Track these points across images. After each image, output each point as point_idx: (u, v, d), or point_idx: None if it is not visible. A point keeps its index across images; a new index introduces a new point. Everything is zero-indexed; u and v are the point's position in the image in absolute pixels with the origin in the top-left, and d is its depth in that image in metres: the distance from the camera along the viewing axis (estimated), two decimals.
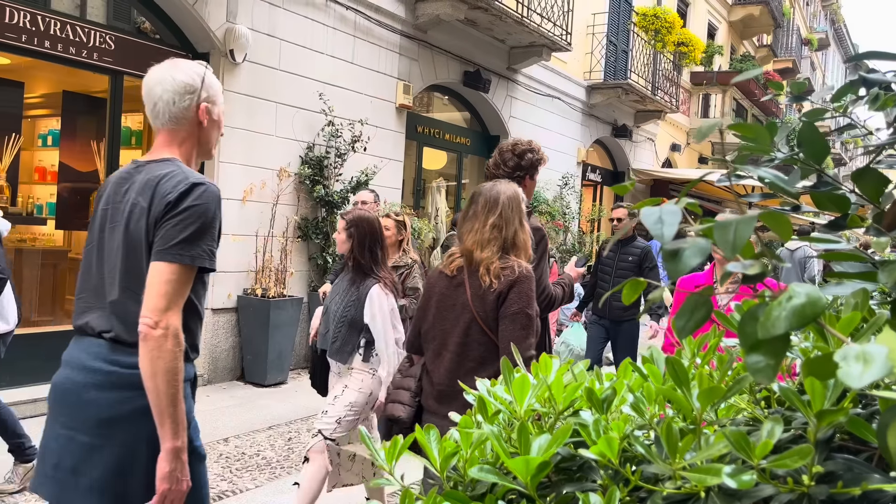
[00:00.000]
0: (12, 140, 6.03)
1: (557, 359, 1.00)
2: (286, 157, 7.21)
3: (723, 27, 20.01)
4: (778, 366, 0.60)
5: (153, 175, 1.86)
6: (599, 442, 0.70)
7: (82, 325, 1.91)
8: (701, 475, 0.61)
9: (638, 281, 0.71)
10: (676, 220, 0.63)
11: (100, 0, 6.35)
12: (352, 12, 7.91)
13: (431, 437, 0.91)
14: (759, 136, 0.72)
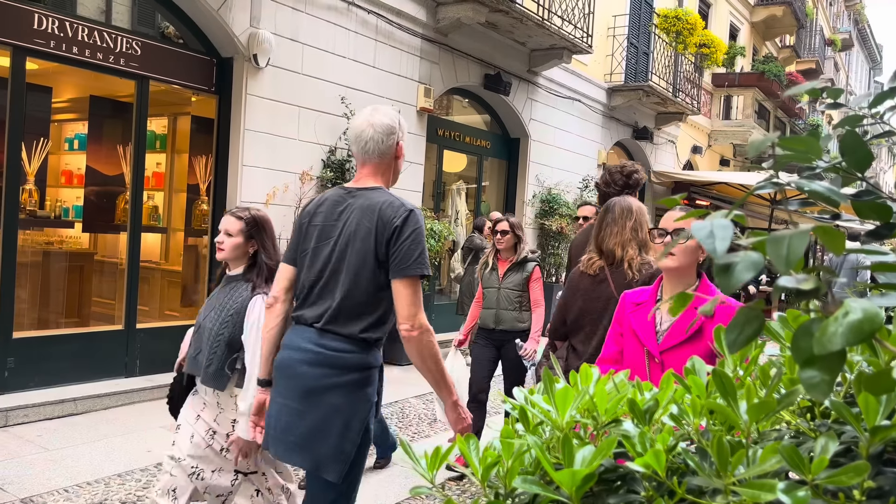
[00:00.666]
0: (40, 144, 6.13)
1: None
2: (308, 161, 7.26)
3: (745, 28, 19.83)
4: (833, 382, 0.59)
5: (372, 201, 2.40)
6: (647, 455, 0.70)
7: (297, 316, 2.45)
8: (754, 491, 0.60)
9: (685, 294, 0.71)
10: (729, 234, 0.63)
11: (125, 6, 6.43)
12: (373, 16, 7.95)
13: (472, 446, 0.91)
14: (810, 148, 0.72)
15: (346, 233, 2.38)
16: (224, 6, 6.39)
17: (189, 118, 7.38)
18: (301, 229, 2.51)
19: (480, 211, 10.27)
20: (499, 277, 4.86)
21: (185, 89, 6.75)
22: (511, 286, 4.81)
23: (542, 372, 0.97)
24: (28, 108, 5.68)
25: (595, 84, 12.50)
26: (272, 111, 6.92)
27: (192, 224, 7.31)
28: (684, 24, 12.74)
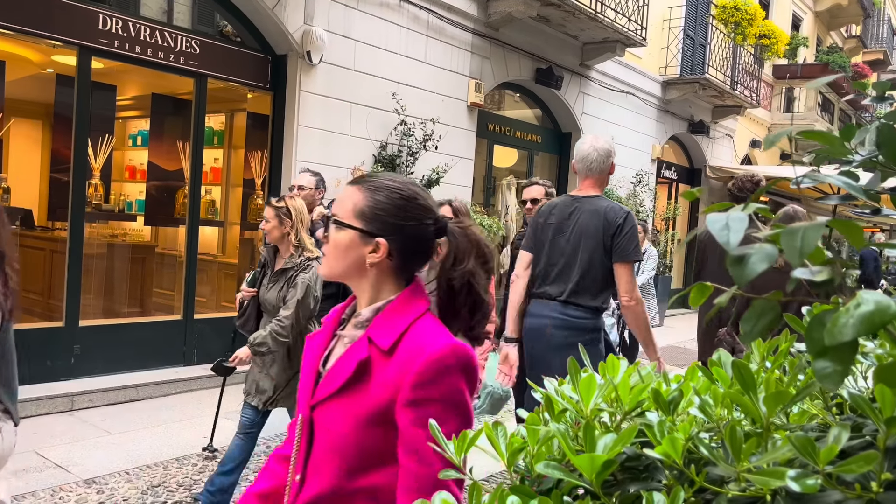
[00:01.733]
0: (105, 140, 6.38)
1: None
2: (360, 156, 7.36)
3: (808, 18, 19.18)
4: (846, 372, 0.60)
5: (597, 206, 3.28)
6: (664, 442, 0.72)
7: (540, 293, 3.32)
8: (765, 478, 0.62)
9: (705, 286, 0.72)
10: (743, 226, 0.64)
11: (185, 6, 6.63)
12: (424, 12, 8.00)
13: (499, 432, 0.94)
14: (830, 142, 0.72)
15: (578, 229, 3.26)
16: (279, 5, 6.53)
17: (245, 115, 7.58)
18: (538, 226, 3.42)
19: None
20: None
21: (241, 86, 6.93)
22: None
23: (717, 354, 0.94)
24: (94, 105, 5.93)
25: (649, 77, 12.29)
26: (325, 107, 7.04)
27: (247, 218, 7.51)
28: (743, 15, 12.40)
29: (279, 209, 3.59)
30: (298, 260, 3.58)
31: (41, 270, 6.59)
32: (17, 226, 6.84)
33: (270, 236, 3.62)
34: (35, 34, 5.35)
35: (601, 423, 0.88)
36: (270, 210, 3.61)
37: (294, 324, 3.50)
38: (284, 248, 3.63)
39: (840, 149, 0.97)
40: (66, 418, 5.20)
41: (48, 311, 6.12)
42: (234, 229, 7.85)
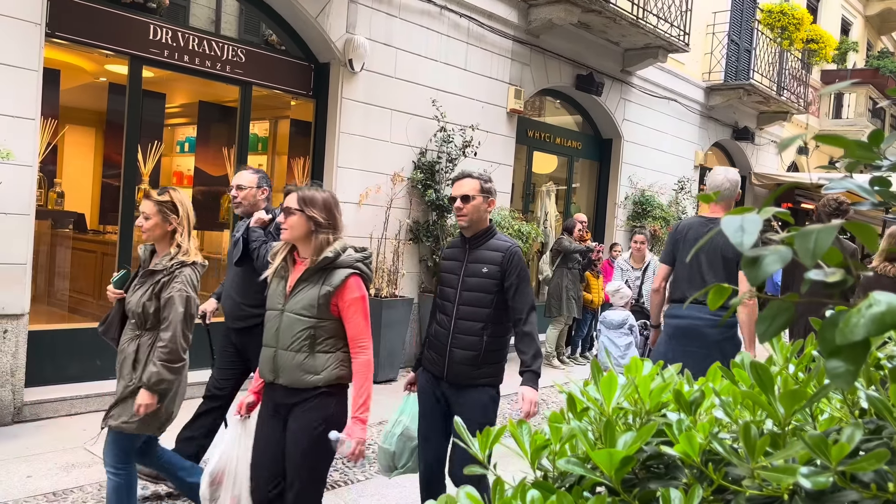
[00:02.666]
0: (154, 147, 6.58)
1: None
2: (400, 162, 7.44)
3: (858, 22, 18.70)
4: (857, 372, 0.61)
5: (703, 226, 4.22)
6: (681, 440, 0.73)
7: (685, 298, 3.98)
8: (778, 475, 0.63)
9: (722, 287, 0.74)
10: (757, 228, 0.65)
11: (233, 16, 6.81)
12: (465, 19, 8.05)
13: (524, 430, 0.96)
14: (848, 147, 0.73)
15: (713, 245, 3.88)
16: (322, 13, 6.65)
17: (288, 121, 7.73)
18: (676, 242, 4.12)
19: (570, 213, 10.19)
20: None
21: (285, 94, 7.07)
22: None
23: None
24: (144, 113, 6.12)
25: (692, 83, 12.14)
26: (366, 114, 7.14)
27: None
28: (790, 19, 12.17)
29: (163, 204, 3.05)
30: (169, 263, 3.05)
31: (93, 272, 6.81)
32: (70, 229, 7.09)
33: (151, 235, 3.09)
34: (89, 44, 5.55)
35: (624, 423, 0.89)
36: (151, 205, 3.05)
37: (183, 343, 3.03)
38: (163, 247, 3.12)
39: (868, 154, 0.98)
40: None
41: (99, 312, 6.32)
42: None
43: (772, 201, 0.73)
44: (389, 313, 6.91)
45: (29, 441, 4.69)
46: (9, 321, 4.95)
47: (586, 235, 8.71)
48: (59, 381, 5.48)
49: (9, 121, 4.86)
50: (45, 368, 5.37)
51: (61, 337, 5.60)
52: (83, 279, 6.81)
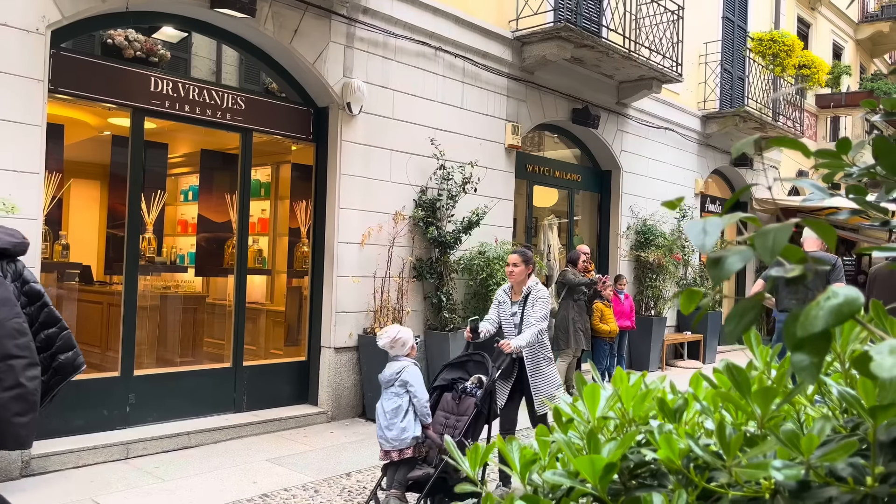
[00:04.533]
0: (158, 196, 6.67)
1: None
2: (401, 201, 7.51)
3: (849, 46, 18.94)
4: (821, 364, 0.63)
5: (823, 258, 4.79)
6: (661, 444, 0.75)
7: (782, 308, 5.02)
8: (752, 470, 0.64)
9: (693, 291, 0.76)
10: (718, 230, 0.68)
11: (233, 66, 6.96)
12: (460, 59, 8.20)
13: (513, 446, 0.97)
14: (801, 149, 0.76)
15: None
16: (319, 59, 6.80)
17: (290, 166, 7.83)
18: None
19: (573, 245, 10.21)
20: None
21: (285, 139, 7.18)
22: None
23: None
24: (147, 163, 6.23)
25: (688, 112, 12.27)
26: (366, 155, 7.24)
27: (293, 266, 7.69)
28: (781, 46, 12.34)
29: None
30: None
31: (98, 323, 6.84)
32: (77, 281, 7.14)
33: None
34: (91, 98, 5.68)
35: (609, 433, 0.90)
36: None
37: None
38: None
39: (836, 161, 1.01)
40: (122, 466, 5.33)
41: (104, 363, 6.33)
42: (282, 277, 8.05)
43: (731, 205, 0.75)
44: None
45: (37, 494, 4.66)
46: None
47: (591, 266, 8.72)
48: (66, 432, 5.47)
49: (14, 175, 4.95)
50: (52, 420, 5.37)
51: (68, 388, 5.60)
52: (89, 331, 6.84)
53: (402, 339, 4.42)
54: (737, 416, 0.81)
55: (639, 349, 10.42)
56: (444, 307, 7.59)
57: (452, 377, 4.60)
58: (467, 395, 4.42)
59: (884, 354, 0.55)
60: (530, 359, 4.84)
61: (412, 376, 4.33)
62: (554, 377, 4.87)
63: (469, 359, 4.65)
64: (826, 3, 17.11)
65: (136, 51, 5.95)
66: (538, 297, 4.85)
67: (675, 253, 10.90)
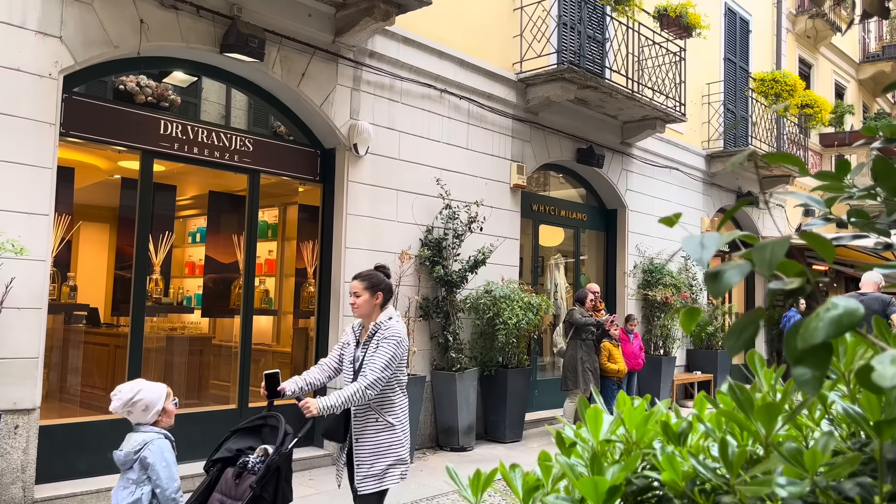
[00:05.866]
0: (165, 237, 6.72)
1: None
2: (407, 241, 7.53)
3: (851, 86, 19.12)
4: (823, 377, 0.62)
5: (880, 297, 6.44)
6: (664, 466, 0.73)
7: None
8: (756, 487, 0.63)
9: (693, 308, 0.75)
10: (715, 245, 0.68)
11: (241, 110, 7.08)
12: (465, 101, 8.31)
13: (516, 473, 0.96)
14: (797, 164, 0.76)
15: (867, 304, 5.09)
16: (326, 101, 6.90)
17: (297, 207, 7.90)
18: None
19: (580, 284, 10.19)
20: None
21: (292, 180, 7.25)
22: None
23: None
24: (155, 206, 6.28)
25: (692, 152, 12.35)
26: (372, 196, 7.29)
27: (300, 306, 7.68)
28: (783, 86, 12.46)
29: None
30: None
31: (105, 365, 6.83)
32: (84, 323, 7.16)
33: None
34: (101, 141, 5.77)
35: (611, 457, 0.89)
36: None
37: None
38: None
39: (836, 184, 1.01)
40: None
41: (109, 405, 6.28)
42: (288, 318, 8.04)
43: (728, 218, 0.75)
44: None
45: None
46: (20, 416, 4.94)
47: (600, 305, 8.67)
48: (69, 476, 5.41)
49: (24, 217, 5.00)
50: (56, 464, 5.32)
51: (73, 431, 5.57)
52: (95, 373, 6.83)
53: (142, 401, 3.24)
54: (741, 436, 0.80)
55: (648, 388, 10.30)
56: (450, 347, 7.55)
57: (239, 447, 3.41)
58: (248, 473, 3.22)
59: (885, 364, 0.55)
60: (359, 420, 3.57)
61: (156, 456, 3.10)
62: (393, 448, 3.58)
63: (264, 423, 3.49)
64: (827, 44, 17.34)
65: (148, 96, 6.06)
66: (384, 336, 3.55)
67: (682, 292, 10.84)
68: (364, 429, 3.57)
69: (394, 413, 3.61)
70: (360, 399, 3.46)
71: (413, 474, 6.52)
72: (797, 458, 0.62)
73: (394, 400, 3.62)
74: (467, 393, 7.53)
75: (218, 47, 6.08)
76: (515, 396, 8.00)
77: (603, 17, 9.69)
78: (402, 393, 3.68)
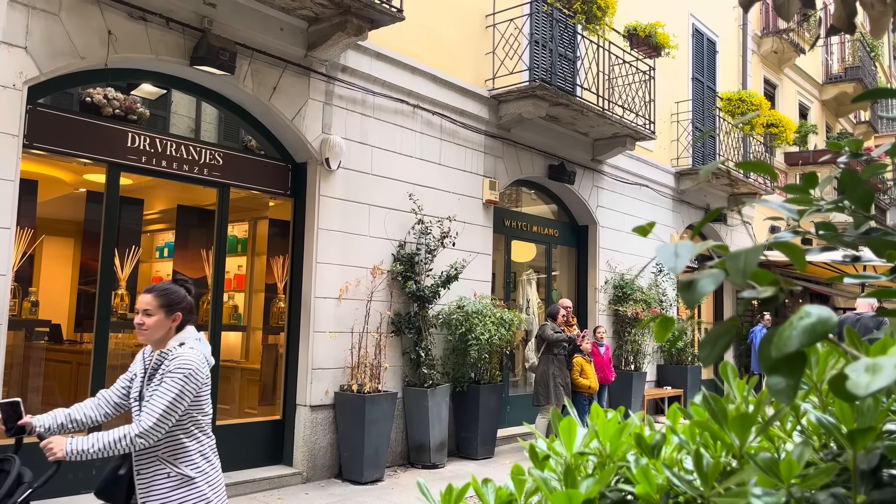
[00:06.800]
0: (132, 252, 6.59)
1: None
2: (379, 256, 7.50)
3: (815, 106, 19.60)
4: (797, 386, 0.61)
5: (874, 318, 7.10)
6: (639, 478, 0.72)
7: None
8: (731, 499, 0.62)
9: (667, 318, 0.74)
10: (689, 253, 0.67)
11: (212, 124, 7.00)
12: (437, 117, 8.33)
13: (489, 488, 0.94)
14: (767, 171, 0.76)
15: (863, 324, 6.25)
16: (298, 116, 6.87)
17: (267, 221, 7.82)
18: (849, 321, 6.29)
19: (552, 299, 10.23)
20: None
21: (263, 194, 7.18)
22: None
23: None
24: (121, 219, 6.17)
25: (662, 169, 12.52)
26: (344, 210, 7.25)
27: (270, 322, 7.58)
28: (749, 106, 12.73)
29: None
30: None
31: (67, 383, 6.66)
32: (45, 340, 6.98)
33: None
34: (66, 153, 5.66)
35: (585, 470, 0.88)
36: None
37: None
38: None
39: (805, 196, 1.01)
40: None
41: None
42: (258, 334, 7.92)
43: (706, 223, 0.75)
44: (373, 409, 6.76)
45: None
46: None
47: (572, 320, 8.70)
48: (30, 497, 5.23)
49: None
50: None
51: (31, 452, 5.40)
52: (57, 390, 6.65)
53: None
54: (715, 448, 0.79)
55: (619, 403, 10.32)
56: (422, 363, 7.50)
57: None
58: None
59: (860, 373, 0.54)
60: (144, 475, 2.79)
61: None
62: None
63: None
64: (791, 66, 17.76)
65: (115, 109, 5.97)
66: (169, 369, 2.79)
67: (652, 307, 10.94)
68: (151, 486, 2.76)
69: (192, 462, 2.80)
70: (127, 447, 2.70)
71: (383, 492, 6.45)
72: (772, 468, 0.61)
73: (189, 447, 2.80)
74: (439, 409, 7.48)
75: (188, 60, 6.02)
76: (488, 412, 7.97)
77: (574, 35, 9.82)
78: (202, 436, 2.87)
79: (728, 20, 15.05)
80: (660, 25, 10.33)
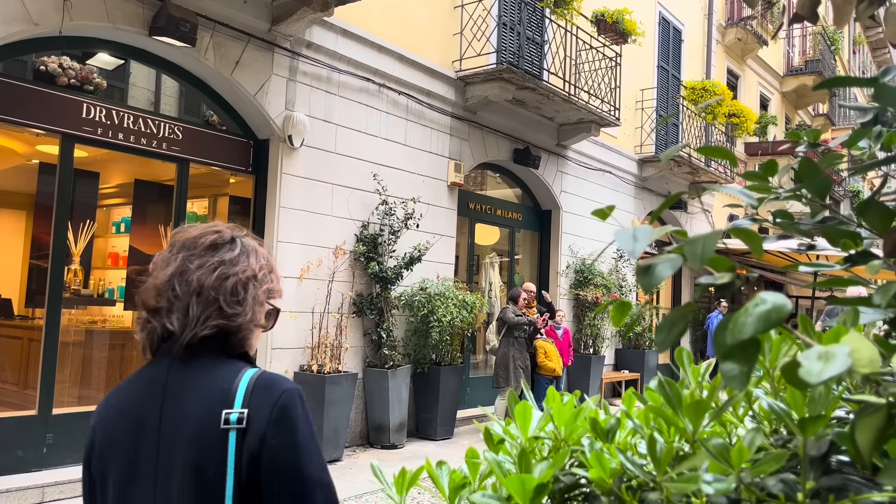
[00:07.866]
0: (86, 226, 6.42)
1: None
2: (342, 236, 7.43)
3: (775, 98, 19.95)
4: (750, 373, 0.61)
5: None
6: (592, 463, 0.72)
7: None
8: (682, 484, 0.62)
9: (624, 302, 0.74)
10: (647, 238, 0.66)
11: (172, 97, 6.83)
12: (403, 97, 8.26)
13: (443, 471, 0.93)
14: (727, 157, 0.76)
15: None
16: (261, 91, 6.74)
17: (227, 198, 7.68)
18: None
19: (514, 283, 10.28)
20: None
21: (223, 170, 7.05)
22: None
23: None
24: (76, 193, 5.99)
25: (625, 156, 12.63)
26: (307, 189, 7.16)
27: None
28: (712, 95, 12.90)
29: None
30: None
31: (17, 360, 6.48)
32: None
33: None
34: (18, 123, 5.46)
35: (540, 453, 0.87)
36: None
37: None
38: None
39: (763, 185, 1.01)
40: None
41: (21, 401, 5.98)
42: None
43: (665, 208, 0.74)
44: (333, 389, 6.74)
45: None
46: None
47: (532, 303, 8.76)
48: None
49: None
50: None
51: None
52: (7, 367, 6.47)
53: None
54: (669, 432, 0.80)
55: (577, 386, 10.46)
56: (384, 344, 7.49)
57: None
58: None
59: (812, 360, 0.54)
60: None
61: None
62: None
63: None
64: (754, 57, 18.03)
65: (71, 78, 5.77)
66: None
67: (612, 292, 11.08)
68: None
69: None
70: None
71: (342, 472, 6.44)
72: (724, 454, 0.61)
73: None
74: (399, 390, 7.49)
75: (147, 30, 5.85)
76: (448, 394, 8.00)
77: (542, 19, 9.79)
78: None
79: (694, 9, 15.19)
80: (627, 12, 10.36)
